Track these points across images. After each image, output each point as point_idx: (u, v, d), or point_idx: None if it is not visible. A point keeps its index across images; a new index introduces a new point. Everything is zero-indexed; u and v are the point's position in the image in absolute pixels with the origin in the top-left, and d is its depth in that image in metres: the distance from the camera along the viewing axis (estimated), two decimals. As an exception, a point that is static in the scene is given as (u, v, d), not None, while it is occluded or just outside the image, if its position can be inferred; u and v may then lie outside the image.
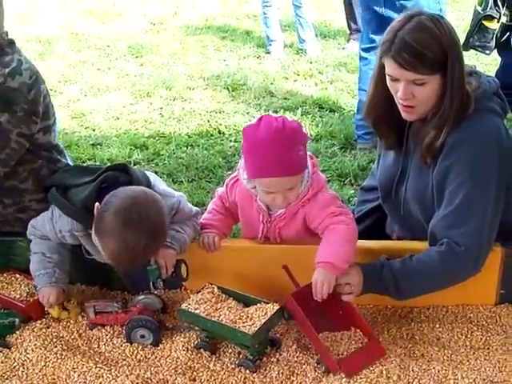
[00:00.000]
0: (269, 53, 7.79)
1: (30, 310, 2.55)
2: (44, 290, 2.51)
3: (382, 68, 2.47)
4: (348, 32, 8.26)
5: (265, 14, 7.79)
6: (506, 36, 5.46)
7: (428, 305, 2.60)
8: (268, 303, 2.31)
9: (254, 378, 2.24)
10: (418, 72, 2.35)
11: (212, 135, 5.51)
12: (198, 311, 2.31)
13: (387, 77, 2.45)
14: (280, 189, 2.39)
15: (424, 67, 2.35)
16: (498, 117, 2.52)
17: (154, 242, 2.28)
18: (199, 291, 2.40)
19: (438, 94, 2.42)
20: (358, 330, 2.34)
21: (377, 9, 4.78)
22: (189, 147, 5.22)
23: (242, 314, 2.29)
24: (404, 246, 2.60)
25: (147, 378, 2.22)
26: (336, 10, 9.20)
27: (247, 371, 2.25)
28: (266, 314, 2.27)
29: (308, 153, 2.48)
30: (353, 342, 2.32)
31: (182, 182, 4.67)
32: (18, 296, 2.63)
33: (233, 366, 2.29)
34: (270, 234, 2.59)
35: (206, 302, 2.34)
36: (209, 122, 5.79)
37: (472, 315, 2.56)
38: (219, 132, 5.58)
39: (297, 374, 2.25)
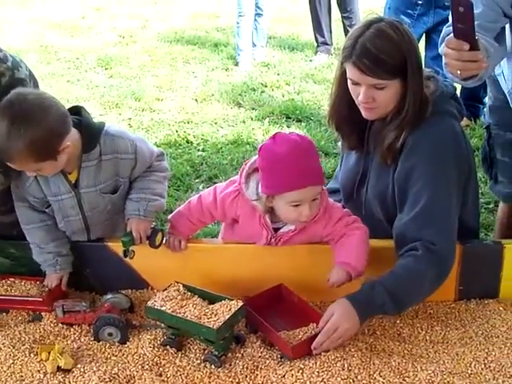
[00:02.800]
0: (237, 64, 7.87)
1: (47, 302, 2.58)
2: (51, 276, 2.64)
3: (343, 72, 2.54)
4: (315, 45, 8.35)
5: (238, 23, 7.89)
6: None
7: (389, 302, 2.66)
8: (232, 300, 2.36)
9: (219, 372, 2.28)
10: (378, 77, 2.43)
11: (180, 145, 5.55)
12: (163, 308, 2.35)
13: (348, 80, 2.52)
14: (308, 199, 2.41)
15: (384, 72, 2.43)
16: (455, 119, 2.61)
17: (18, 131, 2.24)
18: (165, 289, 2.44)
19: (397, 97, 2.50)
20: (315, 324, 2.39)
21: None
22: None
23: (206, 311, 2.34)
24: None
25: (114, 374, 2.25)
26: (304, 24, 9.30)
27: (212, 366, 2.30)
28: (230, 309, 2.32)
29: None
30: (308, 333, 2.37)
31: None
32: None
33: (198, 361, 2.33)
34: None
35: (171, 300, 2.38)
36: (177, 132, 5.83)
37: (432, 311, 2.63)
38: (187, 141, 5.62)
39: (261, 368, 2.30)
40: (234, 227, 2.67)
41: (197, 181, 4.88)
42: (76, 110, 2.51)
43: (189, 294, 2.44)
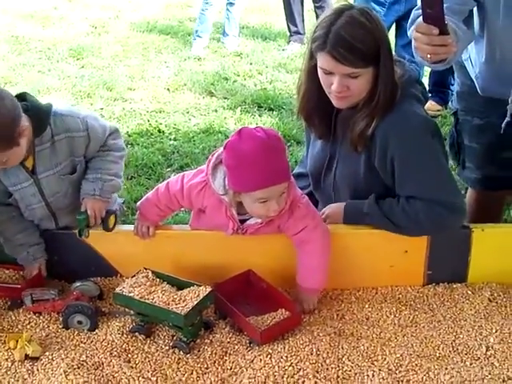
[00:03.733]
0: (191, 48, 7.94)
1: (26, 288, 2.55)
2: (29, 267, 2.63)
3: (314, 63, 2.52)
4: (288, 34, 8.34)
5: (202, 10, 7.89)
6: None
7: (358, 287, 2.68)
8: (200, 286, 2.36)
9: (187, 358, 2.28)
10: (353, 66, 2.41)
11: (152, 134, 5.50)
12: (132, 294, 2.34)
13: (320, 70, 2.50)
14: (276, 195, 2.39)
15: (359, 61, 2.41)
16: (420, 103, 2.62)
17: None
18: (134, 276, 2.43)
19: (370, 85, 2.49)
20: (283, 310, 2.40)
21: None
22: (128, 146, 5.18)
23: (175, 297, 2.33)
24: (337, 229, 2.65)
25: (83, 361, 2.24)
26: (277, 14, 9.28)
27: (181, 352, 2.30)
28: (198, 295, 2.32)
29: None
30: (277, 318, 2.38)
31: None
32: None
33: (167, 347, 2.33)
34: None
35: (140, 286, 2.38)
36: (149, 121, 5.79)
37: (401, 296, 2.64)
38: (159, 131, 5.57)
39: (229, 353, 2.30)
40: (200, 216, 2.65)
41: (168, 170, 4.85)
42: (22, 97, 2.47)
43: (157, 280, 2.43)
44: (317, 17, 7.91)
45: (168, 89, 6.68)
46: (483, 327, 2.43)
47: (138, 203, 2.68)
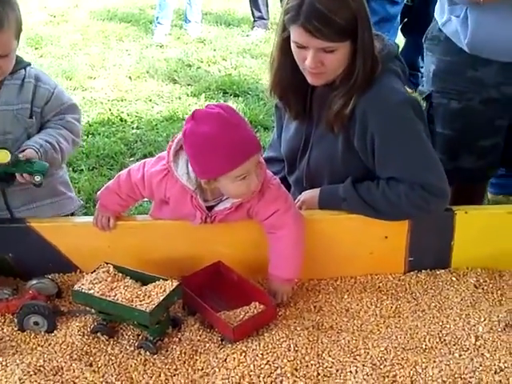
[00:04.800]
0: (152, 35, 7.79)
1: None
2: None
3: (286, 36, 2.36)
4: (252, 19, 8.19)
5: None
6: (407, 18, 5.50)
7: (335, 276, 2.52)
8: (166, 280, 2.17)
9: (154, 359, 2.10)
10: (328, 39, 2.25)
11: (114, 123, 5.31)
12: (92, 291, 2.15)
13: (293, 44, 2.34)
14: (253, 169, 2.19)
15: (334, 34, 2.25)
16: (400, 80, 2.47)
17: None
18: (94, 271, 2.24)
19: (347, 61, 2.34)
20: (257, 303, 2.23)
21: None
22: (89, 135, 5.00)
23: (139, 293, 2.14)
24: (313, 215, 2.48)
25: (40, 366, 2.04)
26: (239, 1, 9.13)
27: (147, 353, 2.12)
28: (164, 290, 2.13)
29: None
30: (251, 313, 2.21)
31: (82, 170, 4.47)
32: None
33: (132, 348, 2.15)
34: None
35: (100, 282, 2.18)
36: (110, 110, 5.59)
37: (381, 284, 2.49)
38: (121, 120, 5.39)
39: (200, 352, 2.13)
40: (162, 207, 2.45)
41: (131, 159, 4.65)
42: None
43: (120, 275, 2.24)
44: (281, 2, 7.75)
45: (130, 77, 6.50)
46: (471, 316, 2.28)
47: (98, 192, 2.49)
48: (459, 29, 2.67)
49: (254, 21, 8.14)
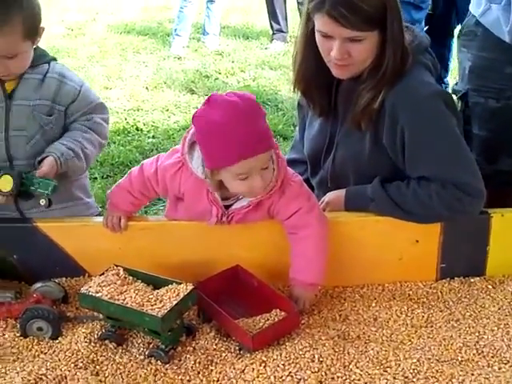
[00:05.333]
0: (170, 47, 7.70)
1: None
2: None
3: (311, 27, 2.23)
4: (271, 32, 8.08)
5: (181, 8, 7.60)
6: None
7: (362, 284, 2.35)
8: (180, 284, 2.01)
9: (166, 369, 1.93)
10: (355, 28, 2.11)
11: (129, 132, 5.21)
12: (99, 294, 1.98)
13: (317, 34, 2.21)
14: (256, 169, 2.02)
15: (362, 22, 2.11)
16: (430, 73, 2.31)
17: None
18: (102, 274, 2.08)
19: (375, 52, 2.20)
20: (278, 310, 2.06)
21: None
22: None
23: (150, 297, 1.98)
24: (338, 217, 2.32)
25: (42, 375, 1.88)
26: (259, 13, 9.03)
27: (159, 362, 1.95)
28: (178, 295, 1.97)
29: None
30: (271, 320, 2.03)
31: (95, 178, 4.34)
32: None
33: (142, 357, 1.98)
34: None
35: (109, 285, 2.02)
36: (126, 119, 5.48)
37: (411, 292, 2.31)
38: (137, 129, 5.28)
39: (216, 362, 1.96)
40: (177, 206, 2.29)
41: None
42: None
43: (130, 278, 2.08)
44: (300, 15, 7.63)
45: (146, 87, 6.41)
46: (510, 326, 2.10)
47: (108, 191, 2.34)
48: (500, 16, 2.51)
49: (273, 34, 8.04)
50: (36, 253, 2.29)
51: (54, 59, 2.42)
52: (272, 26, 8.06)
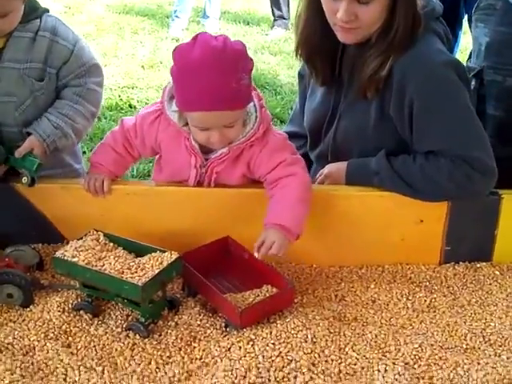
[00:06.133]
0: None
1: None
2: None
3: None
4: (272, 19, 7.91)
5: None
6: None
7: (360, 264, 2.19)
8: (165, 252, 1.84)
9: (145, 344, 1.77)
10: None
11: (122, 108, 5.05)
12: (75, 259, 1.82)
13: None
14: (216, 125, 1.90)
15: None
16: (443, 42, 2.15)
17: None
18: (81, 238, 1.91)
19: (384, 15, 2.04)
20: (269, 286, 1.90)
21: None
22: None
23: (131, 264, 1.82)
24: (336, 190, 2.16)
25: (8, 344, 1.74)
26: (261, 0, 8.87)
27: (137, 336, 1.79)
28: (161, 263, 1.81)
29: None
30: (262, 296, 1.88)
31: (84, 152, 4.15)
32: None
33: (119, 329, 1.82)
34: (205, 181, 2.10)
35: (87, 250, 1.86)
36: (119, 96, 5.31)
37: (413, 275, 2.16)
38: (130, 106, 5.13)
39: (199, 339, 1.80)
40: (162, 170, 2.16)
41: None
42: None
43: (111, 245, 1.92)
44: None
45: (142, 66, 6.25)
46: (519, 313, 1.94)
47: (91, 154, 2.18)
48: None
49: (274, 20, 7.86)
50: (12, 215, 2.13)
51: (47, 10, 2.24)
52: (273, 13, 7.88)
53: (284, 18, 7.84)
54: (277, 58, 6.63)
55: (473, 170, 2.00)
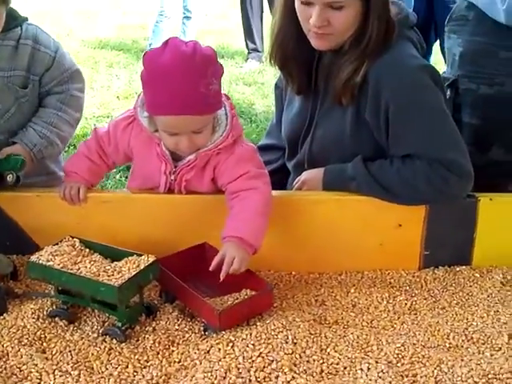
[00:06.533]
0: None
1: None
2: None
3: None
4: (246, 52, 7.95)
5: (157, 23, 7.45)
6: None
7: (339, 270, 2.17)
8: (141, 255, 1.81)
9: (122, 348, 1.73)
10: None
11: (97, 137, 4.99)
12: (50, 263, 1.78)
13: (297, 1, 2.06)
14: (184, 131, 1.90)
15: None
16: (417, 49, 2.17)
17: None
18: (56, 244, 1.88)
19: (357, 21, 2.06)
20: (248, 290, 1.88)
21: None
22: (70, 147, 4.66)
23: (107, 268, 1.80)
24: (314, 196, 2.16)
25: (-21, 350, 1.68)
26: (234, 36, 8.93)
27: (114, 341, 1.75)
28: (138, 266, 1.78)
29: (223, 93, 2.01)
30: (240, 299, 1.86)
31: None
32: None
33: (95, 335, 1.78)
34: (175, 189, 2.08)
35: (62, 255, 1.83)
36: (95, 125, 5.27)
37: (392, 280, 2.14)
38: (105, 134, 5.07)
39: (178, 343, 1.77)
40: (135, 178, 2.17)
41: (114, 171, 4.30)
42: None
43: (87, 250, 1.89)
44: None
45: (118, 97, 6.24)
46: (500, 312, 1.94)
47: (64, 165, 2.16)
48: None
49: (248, 53, 7.88)
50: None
51: (26, 19, 2.24)
52: (247, 45, 7.91)
53: (258, 51, 7.86)
54: (251, 88, 6.65)
55: (449, 173, 2.01)
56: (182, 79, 1.83)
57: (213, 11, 10.25)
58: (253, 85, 6.79)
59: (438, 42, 4.98)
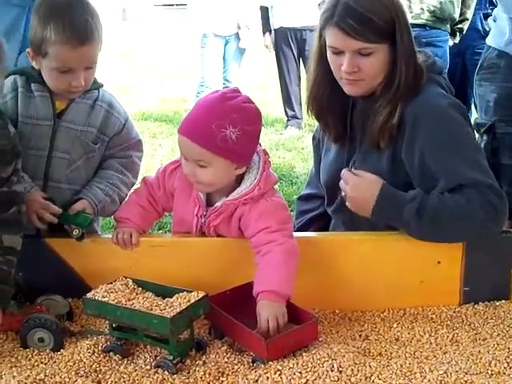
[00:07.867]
0: None
1: None
2: None
3: (323, 44, 2.23)
4: (286, 119, 8.11)
5: (198, 93, 7.65)
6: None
7: (382, 308, 2.23)
8: (191, 291, 1.91)
9: (174, 379, 1.81)
10: (364, 40, 2.11)
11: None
12: (106, 299, 1.88)
13: (329, 51, 2.20)
14: (188, 155, 2.03)
15: (371, 34, 2.12)
16: (445, 91, 2.29)
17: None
18: (110, 283, 1.98)
19: (386, 67, 2.19)
20: (294, 325, 1.95)
21: None
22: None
23: (159, 303, 1.89)
24: (352, 236, 2.24)
25: (40, 380, 1.77)
26: (274, 106, 9.11)
27: (166, 372, 1.82)
28: (188, 301, 1.87)
29: (262, 148, 2.13)
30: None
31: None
32: None
33: (148, 367, 1.86)
34: (206, 231, 2.19)
35: (117, 292, 1.93)
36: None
37: (434, 316, 2.19)
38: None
39: (227, 374, 1.84)
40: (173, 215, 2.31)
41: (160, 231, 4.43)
42: None
43: (139, 289, 1.98)
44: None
45: (161, 163, 6.37)
46: (542, 343, 1.97)
47: (115, 214, 2.29)
48: None
49: (288, 120, 8.04)
50: (42, 270, 2.20)
51: (102, 85, 2.40)
52: (286, 113, 8.06)
53: (297, 118, 8.02)
54: (292, 153, 6.78)
55: (494, 195, 2.07)
56: (201, 109, 2.01)
57: (252, 82, 10.50)
58: (293, 150, 6.92)
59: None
